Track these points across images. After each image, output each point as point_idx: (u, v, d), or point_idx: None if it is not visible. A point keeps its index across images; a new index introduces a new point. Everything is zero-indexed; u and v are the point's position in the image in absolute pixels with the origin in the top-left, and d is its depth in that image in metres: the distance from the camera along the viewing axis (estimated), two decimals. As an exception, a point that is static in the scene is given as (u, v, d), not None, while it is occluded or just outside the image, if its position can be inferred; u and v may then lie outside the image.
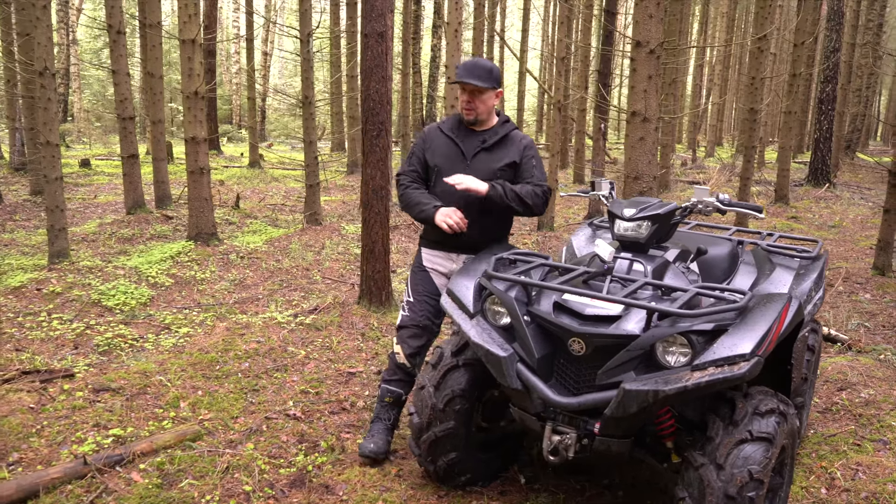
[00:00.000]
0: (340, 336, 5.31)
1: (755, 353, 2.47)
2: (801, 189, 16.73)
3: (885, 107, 50.12)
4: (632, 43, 6.60)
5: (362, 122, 5.47)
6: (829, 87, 16.33)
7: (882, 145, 45.56)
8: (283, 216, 10.61)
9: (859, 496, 3.37)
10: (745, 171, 10.42)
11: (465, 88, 3.40)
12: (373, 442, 3.52)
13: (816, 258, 3.85)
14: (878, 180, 21.58)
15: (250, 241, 8.30)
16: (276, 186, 14.37)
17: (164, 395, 4.17)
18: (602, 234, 4.03)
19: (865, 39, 25.76)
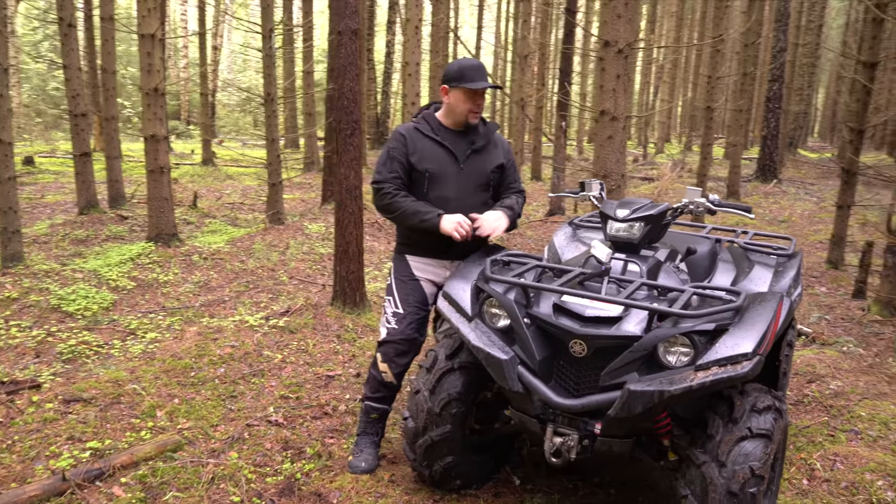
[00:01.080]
0: (316, 338, 5.22)
1: (756, 351, 2.51)
2: (750, 185, 17.21)
3: (822, 104, 51.97)
4: (600, 42, 6.66)
5: (336, 120, 5.38)
6: (776, 85, 16.82)
7: (820, 141, 47.23)
8: (242, 215, 10.39)
9: (839, 486, 3.47)
10: (701, 167, 10.65)
11: (475, 92, 3.28)
12: (363, 460, 3.45)
13: (793, 255, 3.93)
14: (820, 176, 22.35)
15: (212, 241, 8.10)
16: (231, 184, 14.08)
17: (139, 404, 4.03)
18: (582, 234, 4.04)
19: (806, 40, 26.63)
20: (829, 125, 46.58)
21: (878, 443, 3.97)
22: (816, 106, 48.23)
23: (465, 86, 3.25)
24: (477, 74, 3.28)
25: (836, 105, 42.53)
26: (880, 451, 3.82)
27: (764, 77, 23.36)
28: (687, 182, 17.63)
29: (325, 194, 10.44)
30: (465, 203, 3.38)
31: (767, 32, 22.25)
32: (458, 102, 3.33)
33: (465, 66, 3.30)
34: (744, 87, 13.85)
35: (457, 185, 3.39)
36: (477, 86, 3.26)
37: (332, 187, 10.32)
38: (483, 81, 3.28)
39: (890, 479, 3.45)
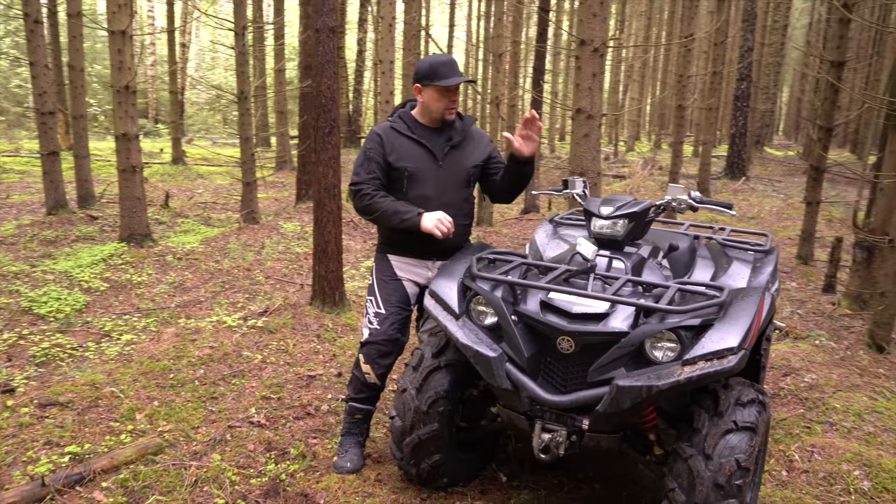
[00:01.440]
0: (295, 338, 5.18)
1: (742, 346, 2.55)
2: (720, 182, 17.48)
3: (787, 103, 52.98)
4: (576, 41, 6.71)
5: (313, 118, 5.34)
6: (744, 84, 17.10)
7: (785, 139, 48.14)
8: (215, 215, 10.27)
9: (817, 476, 3.55)
10: (673, 165, 10.78)
11: (448, 89, 3.25)
12: (348, 460, 3.43)
13: (769, 251, 4.00)
14: (786, 173, 22.78)
15: (185, 241, 7.98)
16: (203, 184, 13.90)
17: (118, 407, 3.96)
18: (563, 231, 4.06)
19: (772, 39, 27.08)
20: (794, 123, 47.52)
21: (853, 434, 4.06)
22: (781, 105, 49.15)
23: (438, 83, 3.22)
24: (448, 70, 3.24)
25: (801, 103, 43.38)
26: (855, 441, 3.91)
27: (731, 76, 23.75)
28: (658, 179, 17.86)
29: (299, 193, 10.36)
30: (445, 200, 3.36)
31: (735, 32, 22.61)
32: (431, 101, 3.30)
33: (436, 63, 3.25)
34: (713, 85, 14.05)
35: (436, 182, 3.37)
36: (449, 83, 3.22)
37: (306, 186, 10.26)
38: (455, 77, 3.24)
39: (866, 468, 3.53)
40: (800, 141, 40.15)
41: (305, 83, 9.93)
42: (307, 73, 10.01)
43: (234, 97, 8.59)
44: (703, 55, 25.28)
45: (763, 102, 26.93)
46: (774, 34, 27.12)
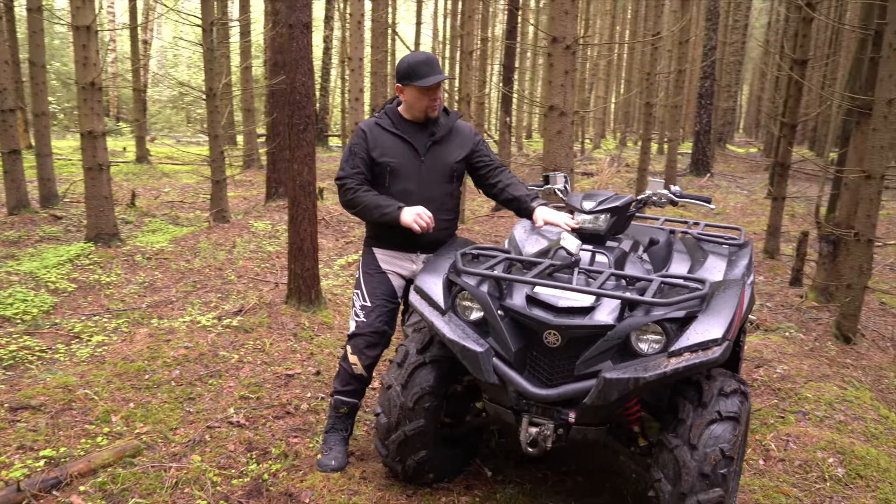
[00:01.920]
0: (272, 337, 5.13)
1: (725, 337, 2.60)
2: (685, 179, 17.76)
3: (747, 101, 54.04)
4: (548, 39, 6.75)
5: (287, 115, 5.29)
6: (708, 82, 17.39)
7: (745, 137, 49.09)
8: (183, 214, 10.11)
9: (794, 465, 3.63)
10: (642, 162, 10.92)
11: (428, 88, 3.27)
12: (333, 458, 3.41)
13: (744, 245, 4.07)
14: (748, 170, 23.24)
15: (154, 240, 7.85)
16: (169, 182, 13.67)
17: (93, 409, 3.88)
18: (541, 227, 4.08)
19: (733, 38, 27.59)
20: (754, 121, 48.48)
21: (825, 422, 4.16)
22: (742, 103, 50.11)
23: (416, 83, 3.25)
24: (427, 69, 3.26)
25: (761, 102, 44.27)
26: (828, 430, 4.01)
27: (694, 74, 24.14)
28: (626, 176, 18.06)
29: (269, 191, 10.25)
30: (427, 195, 3.40)
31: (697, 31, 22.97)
32: (413, 100, 3.34)
33: (415, 63, 3.27)
34: (678, 84, 14.26)
35: (418, 177, 3.40)
36: (427, 82, 3.24)
37: (276, 184, 10.16)
38: (434, 76, 3.26)
39: (840, 456, 3.62)
40: (760, 138, 41.01)
41: (275, 80, 9.82)
42: (276, 70, 9.90)
43: (203, 94, 8.46)
44: (668, 53, 25.63)
45: (725, 100, 27.44)
46: (735, 33, 27.66)
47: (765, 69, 38.85)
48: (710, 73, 17.25)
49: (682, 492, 2.61)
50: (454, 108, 22.18)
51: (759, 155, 28.76)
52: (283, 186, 10.12)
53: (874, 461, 3.58)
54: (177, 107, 32.73)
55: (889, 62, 5.21)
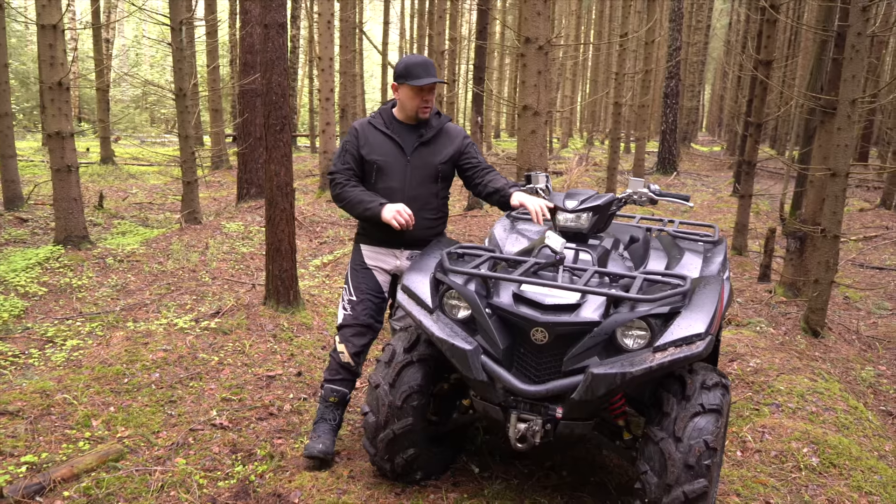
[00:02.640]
0: (251, 339, 5.10)
1: (708, 331, 2.67)
2: (652, 177, 18.03)
3: (708, 100, 55.03)
4: (521, 39, 6.82)
5: (264, 116, 5.26)
6: (673, 82, 17.67)
7: (708, 135, 49.97)
8: (152, 215, 9.98)
9: (770, 455, 3.73)
10: (611, 161, 11.07)
11: (421, 89, 3.37)
12: (321, 442, 3.43)
13: (718, 242, 4.17)
14: (712, 168, 23.69)
15: (125, 242, 7.73)
16: (136, 183, 13.46)
17: (72, 414, 3.83)
18: (520, 226, 4.13)
19: (696, 39, 28.07)
20: (716, 120, 49.38)
21: (798, 414, 4.29)
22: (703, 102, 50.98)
23: (411, 83, 3.36)
24: (422, 71, 3.37)
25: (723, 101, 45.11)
26: (800, 421, 4.13)
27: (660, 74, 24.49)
28: (594, 175, 18.27)
29: (240, 192, 10.16)
30: (411, 194, 3.48)
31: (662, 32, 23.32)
32: (406, 99, 3.44)
33: (411, 64, 3.39)
34: (645, 83, 14.47)
35: (403, 176, 3.49)
36: (420, 83, 3.35)
37: (247, 185, 10.08)
38: (427, 77, 3.37)
39: (814, 446, 3.74)
40: (723, 137, 41.80)
41: (245, 80, 9.75)
42: (246, 69, 9.83)
43: (173, 94, 8.35)
44: (633, 54, 25.96)
45: (689, 100, 27.92)
46: (698, 34, 28.15)
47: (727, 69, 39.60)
48: (676, 73, 17.54)
49: (668, 483, 2.67)
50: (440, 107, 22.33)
51: (723, 153, 29.32)
52: (255, 187, 10.05)
53: (846, 450, 3.70)
54: (140, 107, 32.19)
55: (852, 64, 5.37)
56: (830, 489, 3.43)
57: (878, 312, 7.16)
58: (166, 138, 27.28)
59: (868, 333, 6.37)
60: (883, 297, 7.79)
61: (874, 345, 6.09)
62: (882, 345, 6.11)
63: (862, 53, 5.34)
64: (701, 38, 28.08)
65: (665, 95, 17.81)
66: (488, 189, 3.54)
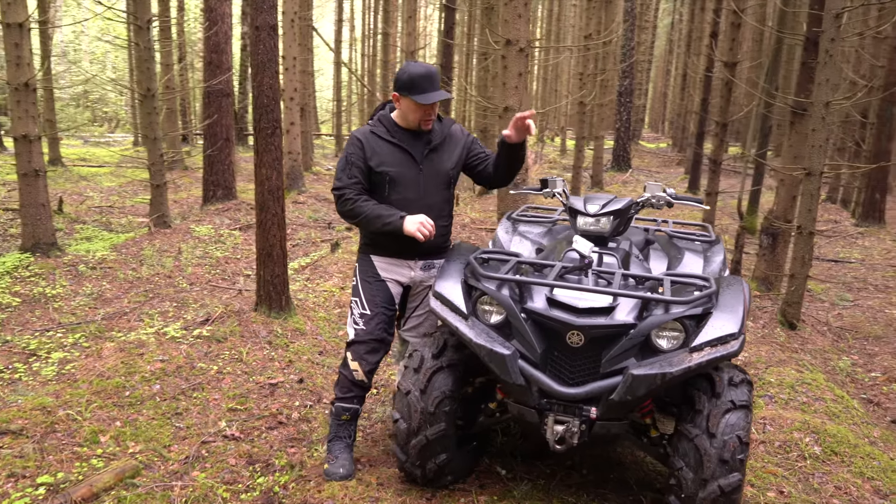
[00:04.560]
0: (247, 346, 5.02)
1: (741, 330, 2.77)
2: (608, 174, 18.37)
3: (651, 98, 56.32)
4: (502, 41, 6.87)
5: (255, 119, 5.18)
6: (627, 81, 18.04)
7: (651, 132, 51.10)
8: (115, 219, 9.68)
9: (774, 446, 3.89)
10: (576, 160, 11.25)
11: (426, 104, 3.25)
12: (341, 466, 3.38)
13: (715, 242, 4.30)
14: (661, 164, 24.25)
15: (94, 248, 7.49)
16: (90, 186, 13.02)
17: (79, 430, 3.71)
18: (521, 228, 4.18)
19: (643, 38, 28.67)
20: (659, 117, 50.59)
21: (790, 404, 4.47)
22: (648, 99, 52.14)
23: (415, 98, 3.23)
24: (428, 84, 3.24)
25: (665, 98, 46.21)
26: (796, 411, 4.31)
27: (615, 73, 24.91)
28: (550, 172, 18.52)
29: (206, 194, 9.95)
30: (427, 203, 3.40)
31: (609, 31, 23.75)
32: (408, 111, 3.32)
33: (416, 76, 3.23)
34: (603, 83, 14.74)
35: (417, 185, 3.41)
36: (426, 99, 3.23)
37: (214, 187, 9.88)
38: (433, 93, 3.25)
39: (815, 435, 3.90)
40: (667, 133, 42.83)
41: (210, 81, 9.55)
42: (212, 69, 9.63)
43: (140, 94, 8.12)
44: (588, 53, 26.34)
45: (637, 98, 28.52)
46: (645, 33, 28.76)
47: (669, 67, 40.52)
48: (630, 73, 17.90)
49: (704, 478, 2.76)
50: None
51: (670, 150, 30.06)
52: (222, 189, 9.86)
53: (845, 438, 3.88)
54: (81, 105, 31.08)
55: (826, 68, 5.61)
56: (836, 476, 3.59)
57: (842, 304, 7.49)
58: (111, 137, 26.44)
59: (837, 324, 6.66)
60: (843, 288, 8.15)
61: (844, 335, 6.38)
62: (851, 335, 6.40)
63: (835, 58, 5.58)
64: (648, 38, 28.72)
65: (619, 94, 18.17)
66: (492, 165, 3.48)
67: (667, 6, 42.02)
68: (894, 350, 6.00)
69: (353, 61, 31.93)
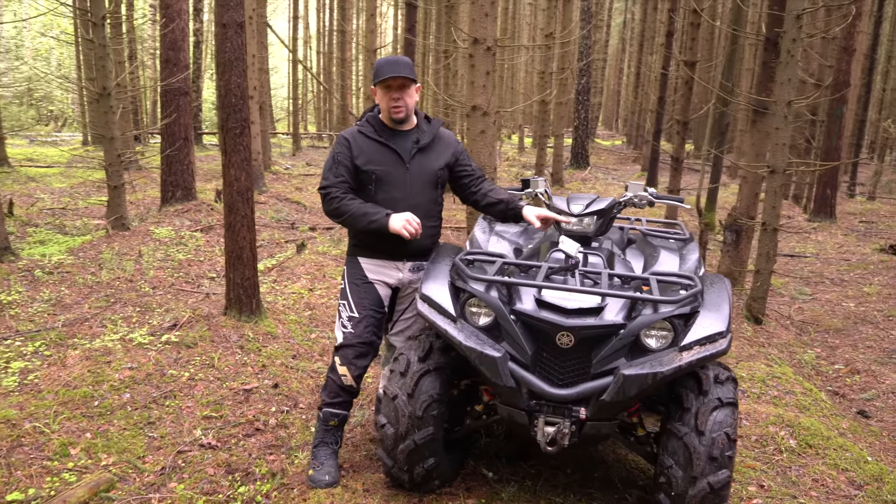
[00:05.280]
0: (218, 352, 4.90)
1: (728, 329, 2.81)
2: (567, 172, 18.53)
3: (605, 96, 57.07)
4: (469, 40, 6.85)
5: (222, 119, 5.05)
6: (585, 79, 18.22)
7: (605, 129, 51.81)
8: (69, 222, 9.36)
9: (751, 440, 3.96)
10: (539, 157, 11.33)
11: (391, 86, 3.27)
12: (326, 473, 3.33)
13: (689, 240, 4.35)
14: (617, 161, 24.61)
15: (49, 252, 7.23)
16: (39, 188, 12.58)
17: (47, 444, 3.56)
18: (497, 227, 4.16)
19: (598, 37, 29.02)
20: (613, 114, 51.34)
21: (762, 398, 4.56)
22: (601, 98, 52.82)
23: (377, 80, 3.29)
24: (389, 69, 3.27)
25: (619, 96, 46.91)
26: (768, 405, 4.40)
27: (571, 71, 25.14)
28: (509, 170, 18.61)
29: (164, 195, 9.70)
30: (413, 202, 3.39)
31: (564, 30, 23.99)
32: (381, 99, 3.37)
33: (382, 63, 3.31)
34: (562, 82, 14.86)
35: (404, 185, 3.40)
36: (387, 77, 3.24)
37: (173, 188, 9.64)
38: (398, 71, 3.25)
39: (789, 429, 3.99)
40: (621, 131, 43.50)
41: (167, 79, 9.31)
42: (168, 67, 9.39)
43: (97, 93, 7.86)
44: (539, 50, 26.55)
45: (593, 96, 28.86)
46: (599, 32, 29.13)
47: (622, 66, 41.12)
48: (587, 71, 18.09)
49: (693, 475, 2.79)
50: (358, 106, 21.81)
51: (625, 147, 30.53)
52: (181, 190, 9.62)
53: (818, 431, 3.97)
54: (24, 103, 30.04)
55: (788, 68, 5.73)
56: (812, 469, 3.67)
57: (801, 298, 7.69)
58: (58, 136, 25.61)
59: (799, 318, 6.84)
60: (801, 283, 8.37)
61: (806, 329, 6.55)
62: (813, 328, 6.57)
63: (796, 58, 5.71)
64: (602, 37, 29.09)
65: (577, 93, 18.35)
66: (489, 199, 3.52)
67: (619, 5, 42.66)
68: (854, 342, 6.19)
69: (307, 59, 31.54)
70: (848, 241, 11.07)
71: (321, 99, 28.86)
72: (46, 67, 32.11)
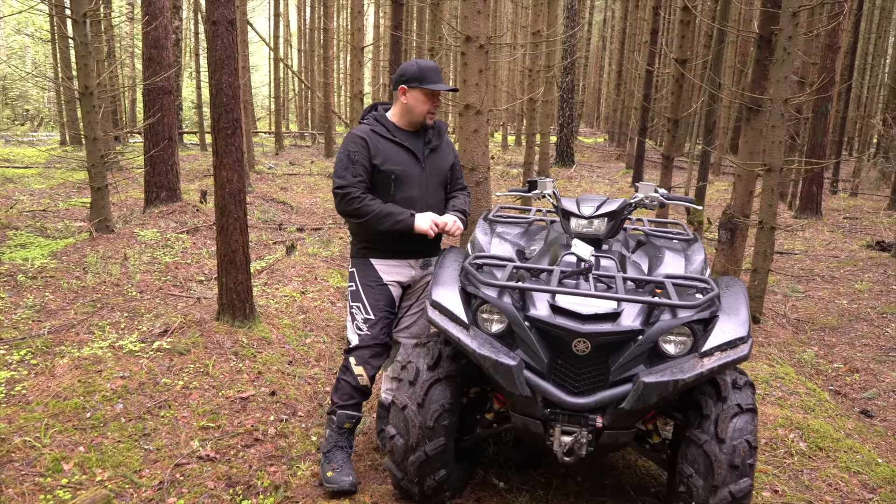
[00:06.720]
0: (212, 359, 4.76)
1: (749, 333, 2.74)
2: (552, 170, 18.51)
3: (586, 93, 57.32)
4: (461, 38, 6.75)
5: (213, 119, 4.91)
6: (569, 77, 18.20)
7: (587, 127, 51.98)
8: (50, 224, 9.13)
9: (761, 443, 3.90)
10: (527, 156, 11.25)
11: (434, 94, 3.30)
12: (347, 474, 3.25)
13: (693, 240, 4.29)
14: (601, 159, 24.65)
15: (31, 255, 7.03)
16: (17, 189, 12.30)
17: (39, 459, 3.42)
18: (498, 229, 4.08)
19: (580, 36, 29.06)
20: (593, 112, 51.53)
21: (767, 399, 4.52)
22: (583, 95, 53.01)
23: (426, 87, 3.28)
24: (436, 76, 3.32)
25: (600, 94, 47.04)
26: (774, 407, 4.36)
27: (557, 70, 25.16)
28: (495, 168, 18.53)
29: (148, 196, 9.51)
30: (429, 202, 3.44)
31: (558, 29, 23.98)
32: (416, 103, 3.34)
33: (425, 68, 3.30)
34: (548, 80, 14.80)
35: (420, 184, 3.42)
36: (438, 87, 3.30)
37: (157, 189, 9.45)
38: (442, 84, 3.34)
39: (799, 431, 3.94)
40: (602, 128, 43.66)
41: (150, 78, 9.12)
42: (151, 66, 9.20)
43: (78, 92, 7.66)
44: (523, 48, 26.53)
45: (576, 94, 28.90)
46: (581, 30, 29.17)
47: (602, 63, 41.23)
48: (571, 69, 18.07)
49: (715, 485, 2.72)
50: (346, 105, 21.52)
51: (608, 144, 30.62)
52: (165, 191, 9.44)
53: (827, 433, 3.94)
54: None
55: (784, 66, 5.70)
56: (824, 472, 3.63)
57: (794, 295, 7.69)
58: (34, 136, 25.15)
59: (794, 316, 6.83)
60: (793, 280, 8.38)
61: (803, 327, 6.54)
62: (809, 326, 6.56)
63: (792, 56, 5.68)
64: (584, 34, 29.12)
65: (562, 91, 18.32)
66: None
67: (599, 3, 42.80)
68: (851, 340, 6.18)
69: (289, 57, 31.24)
70: (835, 237, 11.13)
71: (303, 97, 28.60)
72: (22, 66, 31.53)
